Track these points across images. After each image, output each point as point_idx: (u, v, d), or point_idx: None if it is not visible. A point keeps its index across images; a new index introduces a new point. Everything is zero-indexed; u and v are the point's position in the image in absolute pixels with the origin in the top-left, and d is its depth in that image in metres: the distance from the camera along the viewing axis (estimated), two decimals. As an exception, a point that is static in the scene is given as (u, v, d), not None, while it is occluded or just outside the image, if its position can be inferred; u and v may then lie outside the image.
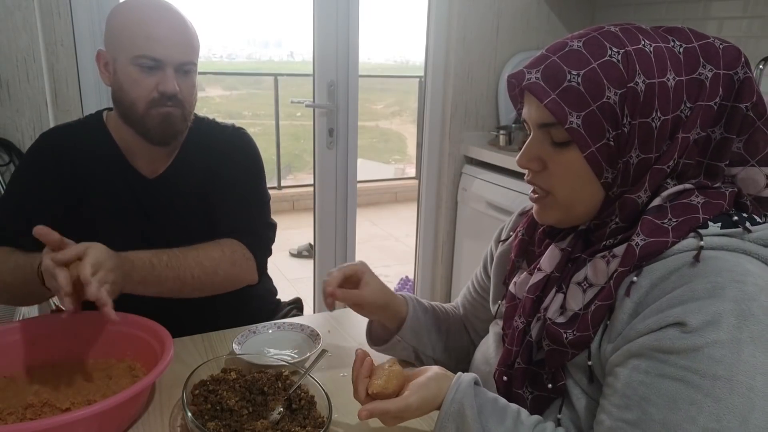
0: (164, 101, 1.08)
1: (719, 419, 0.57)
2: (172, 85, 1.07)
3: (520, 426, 0.69)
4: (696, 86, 0.67)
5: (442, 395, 0.72)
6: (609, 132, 0.66)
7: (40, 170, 1.14)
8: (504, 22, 2.40)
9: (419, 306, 1.00)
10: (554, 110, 0.66)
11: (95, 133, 1.17)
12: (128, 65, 1.06)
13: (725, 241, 0.64)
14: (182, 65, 1.08)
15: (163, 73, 1.06)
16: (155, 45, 1.05)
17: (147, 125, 1.10)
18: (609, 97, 0.65)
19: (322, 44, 2.18)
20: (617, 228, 0.71)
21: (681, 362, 0.59)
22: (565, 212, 0.74)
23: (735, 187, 0.69)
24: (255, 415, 0.81)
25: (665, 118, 0.66)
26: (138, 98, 1.08)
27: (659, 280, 0.64)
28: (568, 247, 0.76)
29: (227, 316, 1.19)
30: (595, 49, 0.67)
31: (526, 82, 0.69)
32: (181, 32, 1.08)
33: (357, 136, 2.33)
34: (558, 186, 0.72)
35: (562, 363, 0.72)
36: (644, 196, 0.69)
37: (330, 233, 2.39)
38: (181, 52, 1.08)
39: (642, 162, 0.67)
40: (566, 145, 0.69)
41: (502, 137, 2.31)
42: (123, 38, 1.06)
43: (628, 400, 0.63)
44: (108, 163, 1.16)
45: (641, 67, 0.65)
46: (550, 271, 0.76)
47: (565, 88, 0.66)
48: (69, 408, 0.82)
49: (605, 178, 0.69)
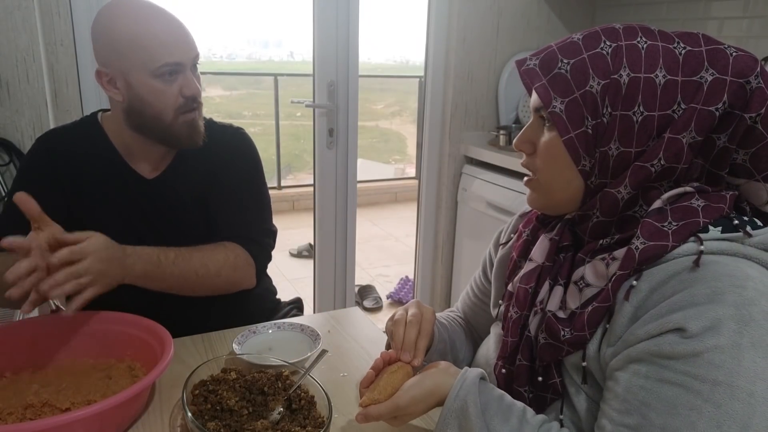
0: (190, 105, 1.08)
1: (719, 425, 0.57)
2: (195, 86, 1.07)
3: (526, 425, 0.68)
4: (693, 88, 0.66)
5: (441, 391, 0.72)
6: (588, 120, 0.68)
7: (38, 174, 1.13)
8: (504, 22, 2.40)
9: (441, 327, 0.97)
10: (541, 94, 0.70)
11: (91, 134, 1.17)
12: (148, 79, 1.04)
13: (726, 246, 0.64)
14: (195, 60, 1.09)
15: (183, 75, 1.06)
16: (173, 50, 1.04)
17: (175, 133, 1.09)
18: (592, 86, 0.67)
19: (322, 44, 2.18)
20: (600, 222, 0.72)
21: (681, 367, 0.59)
22: (546, 196, 0.76)
23: (736, 190, 0.69)
24: (255, 415, 0.81)
25: (649, 115, 0.66)
26: (165, 108, 1.07)
27: (659, 284, 0.64)
28: (555, 236, 0.77)
29: (227, 316, 1.19)
30: (590, 41, 0.69)
31: (524, 67, 0.73)
32: (181, 27, 1.07)
33: (357, 136, 2.33)
34: (541, 168, 0.75)
35: (555, 358, 0.72)
36: (624, 192, 0.69)
37: (330, 233, 2.39)
38: (192, 48, 1.08)
39: (622, 155, 0.68)
40: (552, 129, 0.71)
41: (502, 137, 2.31)
42: (135, 53, 1.03)
43: (629, 405, 0.62)
44: (106, 164, 1.16)
45: (628, 61, 0.66)
46: (542, 261, 0.78)
47: (554, 74, 0.69)
48: (69, 408, 0.82)
49: (582, 165, 0.70)
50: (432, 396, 0.72)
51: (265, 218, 1.26)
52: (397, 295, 3.30)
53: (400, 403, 0.72)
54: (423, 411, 0.74)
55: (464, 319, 1.07)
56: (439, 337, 0.94)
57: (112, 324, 0.98)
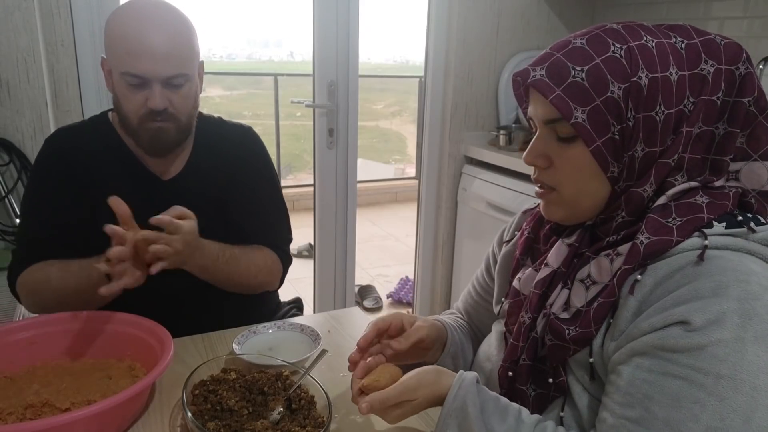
0: (154, 116, 1.05)
1: (722, 418, 0.57)
2: (159, 102, 1.03)
3: (522, 425, 0.69)
4: (698, 81, 0.67)
5: (442, 384, 0.72)
6: (614, 126, 0.67)
7: (53, 177, 1.12)
8: (504, 22, 2.40)
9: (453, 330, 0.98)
10: (559, 106, 0.67)
11: (103, 133, 1.16)
12: (119, 79, 1.04)
13: (729, 241, 0.64)
14: (170, 79, 1.04)
15: (150, 89, 1.03)
16: (137, 62, 1.00)
17: (140, 138, 1.09)
18: (613, 92, 0.66)
19: (322, 44, 2.18)
20: (623, 222, 0.71)
21: (685, 361, 0.60)
22: (571, 208, 0.74)
23: (739, 187, 0.69)
24: (255, 415, 0.81)
25: (669, 112, 0.66)
26: (129, 112, 1.06)
27: (663, 278, 0.64)
28: (575, 242, 0.76)
29: (227, 316, 1.18)
30: (598, 45, 0.67)
31: (531, 80, 0.70)
32: (168, 44, 1.02)
33: (357, 136, 2.33)
34: (564, 182, 0.73)
35: (563, 359, 0.72)
36: (650, 190, 0.69)
37: (330, 233, 2.39)
38: (167, 67, 1.02)
39: (647, 156, 0.68)
40: (572, 141, 0.69)
41: (502, 137, 2.31)
42: (112, 51, 1.04)
43: (631, 398, 0.63)
44: (120, 164, 1.15)
45: (644, 62, 0.66)
46: (557, 266, 0.77)
47: (569, 83, 0.67)
48: (69, 408, 0.82)
49: (611, 173, 0.69)
50: (436, 384, 0.72)
51: (287, 224, 1.32)
52: (397, 295, 3.30)
53: (409, 385, 0.71)
54: (424, 403, 0.73)
55: (465, 320, 1.07)
56: (451, 340, 0.94)
57: (112, 324, 0.98)
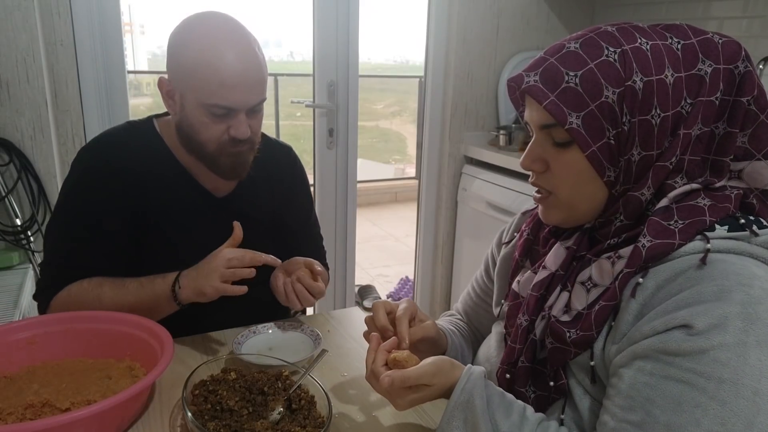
0: (236, 144, 1.02)
1: (724, 422, 0.57)
2: (245, 131, 1.01)
3: (525, 422, 0.69)
4: (696, 82, 0.67)
5: (454, 375, 0.72)
6: (609, 131, 0.67)
7: (100, 191, 1.06)
8: (504, 22, 2.40)
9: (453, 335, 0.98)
10: (553, 111, 0.67)
11: (151, 145, 1.10)
12: (198, 107, 0.99)
13: (732, 245, 0.64)
14: (255, 106, 1.02)
15: (235, 118, 1.00)
16: (229, 93, 0.96)
17: (219, 164, 1.05)
18: (607, 96, 0.65)
19: (322, 44, 2.18)
20: (622, 226, 0.71)
21: (686, 364, 0.59)
22: (568, 211, 0.74)
23: (740, 189, 0.69)
24: (255, 415, 0.81)
25: (665, 115, 0.66)
26: (208, 141, 1.02)
27: (665, 281, 0.64)
28: (573, 245, 0.76)
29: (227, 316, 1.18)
30: (591, 49, 0.67)
31: (525, 86, 0.70)
32: (255, 71, 0.99)
33: (357, 136, 2.33)
34: (560, 186, 0.73)
35: (564, 361, 0.72)
36: (648, 194, 0.69)
37: (330, 233, 2.39)
38: (254, 96, 1.00)
39: (644, 159, 0.67)
40: (568, 145, 0.69)
41: (502, 137, 2.31)
42: (194, 79, 0.97)
43: (633, 401, 0.62)
44: (172, 179, 1.10)
45: (638, 65, 0.65)
46: (555, 269, 0.76)
47: (563, 89, 0.67)
48: (69, 408, 0.81)
49: (608, 177, 0.69)
50: (450, 374, 0.72)
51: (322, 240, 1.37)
52: (397, 295, 3.30)
53: (428, 370, 0.72)
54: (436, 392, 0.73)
55: (465, 321, 1.07)
56: (451, 345, 0.94)
57: (112, 324, 0.98)
